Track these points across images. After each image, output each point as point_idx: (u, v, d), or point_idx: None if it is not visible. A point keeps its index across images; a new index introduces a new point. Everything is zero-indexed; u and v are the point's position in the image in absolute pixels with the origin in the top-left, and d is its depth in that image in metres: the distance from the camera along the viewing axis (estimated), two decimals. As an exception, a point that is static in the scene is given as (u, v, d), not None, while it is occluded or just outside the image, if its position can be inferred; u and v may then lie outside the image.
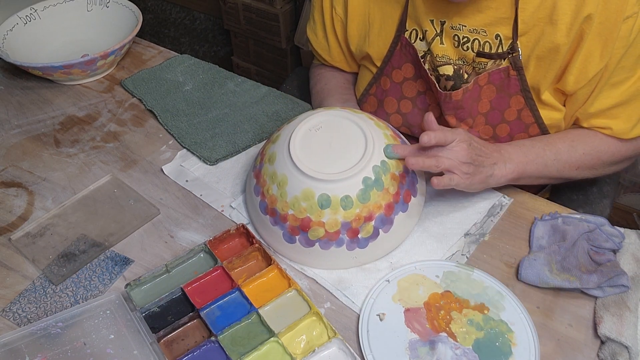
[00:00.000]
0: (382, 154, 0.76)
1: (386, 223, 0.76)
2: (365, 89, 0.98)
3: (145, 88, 1.10)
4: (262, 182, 0.79)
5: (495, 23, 0.82)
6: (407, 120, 0.95)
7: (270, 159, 0.79)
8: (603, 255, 0.76)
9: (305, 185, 0.74)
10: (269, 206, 0.78)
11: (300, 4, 1.93)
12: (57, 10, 1.21)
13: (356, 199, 0.73)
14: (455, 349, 0.68)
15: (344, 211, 0.73)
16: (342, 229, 0.74)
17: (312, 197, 0.74)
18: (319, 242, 0.75)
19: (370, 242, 0.76)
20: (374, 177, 0.74)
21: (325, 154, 0.76)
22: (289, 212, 0.75)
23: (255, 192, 0.81)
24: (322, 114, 0.80)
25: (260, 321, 0.71)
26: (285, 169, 0.76)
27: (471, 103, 0.87)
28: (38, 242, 0.83)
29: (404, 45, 0.90)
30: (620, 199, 1.70)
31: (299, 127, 0.78)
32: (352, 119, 0.79)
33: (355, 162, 0.74)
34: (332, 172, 0.74)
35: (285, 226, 0.76)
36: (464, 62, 0.87)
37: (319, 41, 1.04)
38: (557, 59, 0.81)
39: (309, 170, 0.74)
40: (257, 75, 2.23)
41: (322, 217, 0.74)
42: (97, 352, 0.69)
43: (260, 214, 0.80)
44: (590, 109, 0.84)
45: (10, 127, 1.04)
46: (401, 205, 0.77)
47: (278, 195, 0.76)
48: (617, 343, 0.67)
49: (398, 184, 0.76)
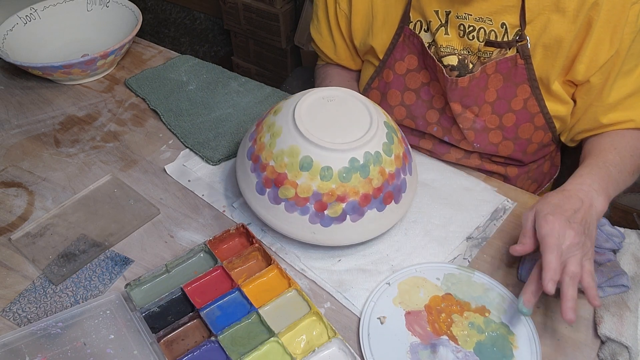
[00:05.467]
0: (380, 144, 0.75)
1: (357, 212, 0.74)
2: (368, 83, 0.98)
3: (149, 87, 1.10)
4: (259, 130, 0.80)
5: (501, 11, 0.82)
6: (411, 112, 0.95)
7: (276, 112, 0.79)
8: (603, 255, 0.76)
9: (294, 142, 0.74)
10: (255, 152, 0.78)
11: (300, 4, 1.94)
12: (57, 10, 1.21)
13: (336, 175, 0.72)
14: (457, 352, 0.68)
15: (320, 181, 0.73)
16: (311, 198, 0.73)
17: (297, 155, 0.73)
18: (285, 203, 0.75)
19: (333, 224, 0.75)
20: (362, 161, 0.73)
21: (327, 123, 0.76)
22: (270, 162, 0.75)
23: (249, 137, 0.82)
24: (342, 90, 0.80)
25: (260, 321, 0.71)
26: (283, 122, 0.76)
27: (477, 91, 0.87)
28: (38, 242, 0.83)
29: (407, 36, 0.90)
30: (620, 199, 1.70)
31: (313, 92, 0.79)
32: (366, 104, 0.78)
33: (351, 140, 0.74)
34: (324, 139, 0.73)
35: (261, 175, 0.76)
36: (469, 52, 0.87)
37: (324, 40, 1.04)
38: (563, 47, 0.81)
39: (304, 130, 0.74)
40: (257, 75, 2.23)
41: (297, 179, 0.73)
42: (97, 352, 0.69)
43: (245, 158, 0.80)
44: (609, 99, 0.83)
45: (10, 127, 1.04)
46: (378, 202, 0.75)
47: (267, 144, 0.76)
48: (617, 343, 0.67)
49: (384, 181, 0.75)
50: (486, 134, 0.91)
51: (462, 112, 0.89)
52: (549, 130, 0.91)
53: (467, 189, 0.89)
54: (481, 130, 0.91)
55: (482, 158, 0.95)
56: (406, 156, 0.79)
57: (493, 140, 0.91)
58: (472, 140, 0.91)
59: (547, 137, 0.92)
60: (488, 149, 0.92)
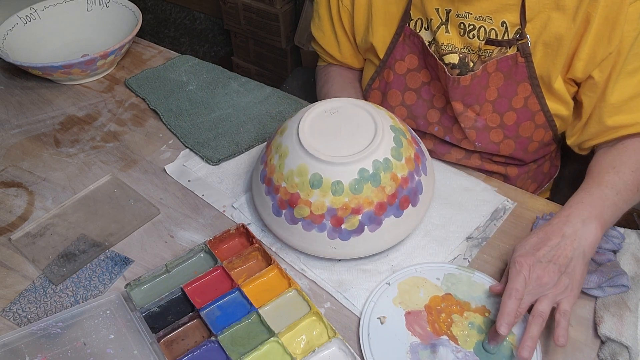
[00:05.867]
0: (388, 150, 0.74)
1: (374, 222, 0.74)
2: (368, 84, 0.98)
3: (149, 87, 1.10)
4: (269, 152, 0.80)
5: (501, 10, 0.82)
6: (412, 112, 0.94)
7: (282, 132, 0.80)
8: (603, 255, 0.76)
9: (302, 161, 0.74)
10: (267, 175, 0.79)
11: (300, 4, 1.93)
12: (57, 10, 1.21)
13: (347, 188, 0.72)
14: (457, 352, 0.68)
15: (332, 196, 0.73)
16: (326, 214, 0.73)
17: (306, 174, 0.73)
18: (302, 222, 0.75)
19: (352, 236, 0.75)
20: (372, 171, 0.73)
21: (332, 136, 0.76)
22: (282, 184, 0.76)
23: (261, 160, 0.82)
24: (342, 100, 0.80)
25: (260, 321, 0.71)
26: (289, 141, 0.76)
27: (479, 90, 0.87)
28: (38, 242, 0.83)
29: (408, 35, 0.90)
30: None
31: (315, 107, 0.79)
32: (370, 111, 0.78)
33: (357, 151, 0.74)
34: (331, 154, 0.73)
35: (276, 197, 0.77)
36: (470, 51, 0.86)
37: (326, 37, 1.03)
38: (564, 45, 0.81)
39: (309, 147, 0.74)
40: (257, 75, 2.23)
41: (310, 197, 0.73)
42: (97, 352, 0.69)
43: (259, 182, 0.81)
44: (612, 99, 0.82)
45: (10, 127, 1.04)
46: (394, 209, 0.75)
47: (277, 166, 0.77)
48: (617, 343, 0.67)
49: (397, 187, 0.75)
50: (487, 132, 0.91)
51: (463, 111, 0.89)
52: (549, 128, 0.91)
53: (467, 189, 0.89)
54: (482, 129, 0.91)
55: (483, 158, 0.95)
56: (418, 157, 0.79)
57: (494, 139, 0.91)
58: (473, 139, 0.91)
59: (547, 136, 0.92)
60: (489, 148, 0.92)
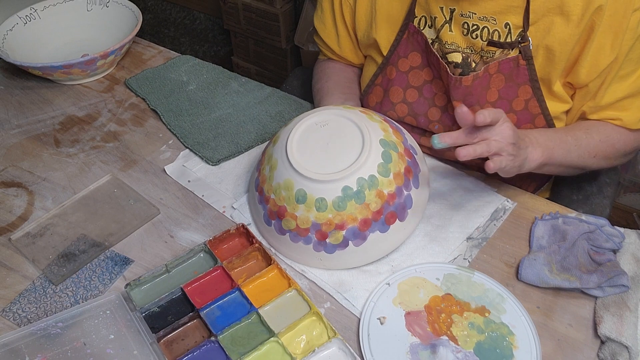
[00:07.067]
0: (374, 166, 0.74)
1: (358, 237, 0.74)
2: (371, 80, 0.98)
3: (149, 87, 1.10)
4: (263, 160, 0.81)
5: (505, 11, 0.82)
6: (413, 110, 0.95)
7: (275, 141, 0.80)
8: (603, 255, 0.76)
9: (288, 175, 0.75)
10: (260, 184, 0.80)
11: (300, 4, 1.93)
12: (57, 10, 1.21)
13: (331, 205, 0.73)
14: (457, 353, 0.68)
15: (316, 212, 0.73)
16: (311, 229, 0.74)
17: (292, 188, 0.74)
18: (290, 234, 0.76)
19: (337, 250, 0.75)
20: (356, 188, 0.73)
21: (319, 152, 0.76)
22: (272, 196, 0.77)
23: (256, 167, 0.84)
24: (335, 111, 0.80)
25: (260, 321, 0.71)
26: (278, 154, 0.77)
27: (480, 91, 0.87)
28: (38, 242, 0.83)
29: (412, 33, 0.90)
30: (620, 199, 1.70)
31: (307, 118, 0.79)
32: (360, 125, 0.77)
33: (342, 168, 0.73)
34: (316, 171, 0.74)
35: (266, 207, 0.78)
36: (472, 51, 0.87)
37: (327, 30, 1.03)
38: (565, 50, 0.81)
39: (295, 163, 0.74)
40: (257, 75, 2.23)
41: (296, 211, 0.74)
42: (97, 352, 0.69)
43: (254, 189, 0.82)
44: (602, 102, 0.85)
45: (10, 127, 1.04)
46: (380, 224, 0.74)
47: (268, 177, 0.78)
48: (617, 343, 0.67)
49: (383, 203, 0.74)
50: None
51: None
52: None
53: (467, 189, 0.89)
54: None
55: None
56: (410, 170, 0.78)
57: None
58: None
59: None
60: None
